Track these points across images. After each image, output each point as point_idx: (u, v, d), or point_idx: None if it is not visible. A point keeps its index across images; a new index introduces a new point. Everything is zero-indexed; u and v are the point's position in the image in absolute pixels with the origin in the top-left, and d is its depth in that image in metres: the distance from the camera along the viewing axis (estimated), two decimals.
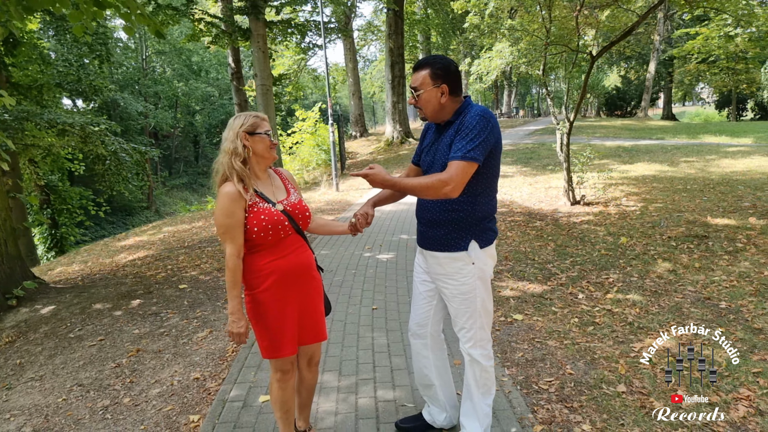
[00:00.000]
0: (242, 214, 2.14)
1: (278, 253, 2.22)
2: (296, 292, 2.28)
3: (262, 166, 2.28)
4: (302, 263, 2.30)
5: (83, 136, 11.14)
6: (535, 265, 5.69)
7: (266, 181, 2.31)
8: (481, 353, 2.43)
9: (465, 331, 2.41)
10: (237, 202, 2.13)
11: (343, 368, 3.46)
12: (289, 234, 2.25)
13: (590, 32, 10.51)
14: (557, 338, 3.85)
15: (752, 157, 12.81)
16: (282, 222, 2.20)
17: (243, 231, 2.15)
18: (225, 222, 2.13)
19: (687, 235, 6.32)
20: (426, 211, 2.38)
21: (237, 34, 14.26)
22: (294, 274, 2.26)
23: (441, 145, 2.29)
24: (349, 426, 2.78)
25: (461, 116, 2.25)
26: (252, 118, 2.22)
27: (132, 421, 3.00)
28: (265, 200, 2.22)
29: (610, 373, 3.29)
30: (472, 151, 2.11)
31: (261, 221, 2.15)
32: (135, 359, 3.81)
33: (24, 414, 3.19)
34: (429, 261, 2.44)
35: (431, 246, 2.39)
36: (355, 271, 5.70)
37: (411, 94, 2.34)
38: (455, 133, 2.22)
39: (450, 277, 2.35)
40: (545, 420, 2.82)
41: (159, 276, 5.94)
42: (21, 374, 3.74)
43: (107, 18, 19.40)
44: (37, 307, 4.80)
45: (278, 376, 2.32)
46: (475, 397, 2.48)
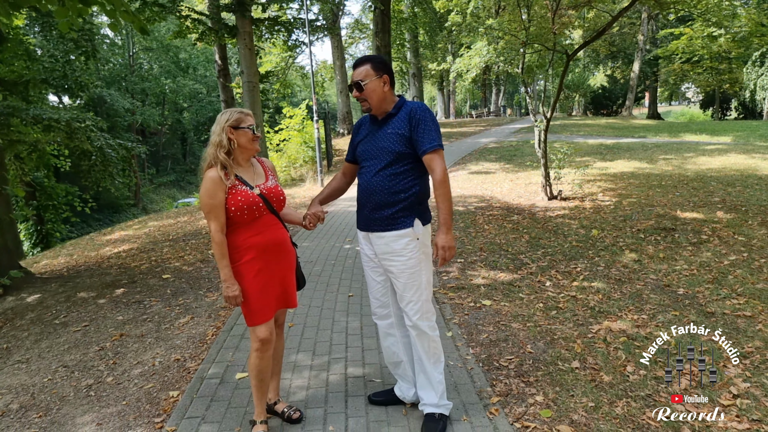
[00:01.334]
0: (223, 196, 2.43)
1: (255, 230, 2.51)
2: (272, 263, 2.57)
3: (245, 156, 2.56)
4: (277, 239, 2.58)
5: (69, 131, 11.21)
6: (508, 255, 5.92)
7: (248, 169, 2.59)
8: (428, 324, 2.64)
9: (412, 304, 2.60)
10: (218, 185, 2.42)
11: (317, 349, 3.66)
12: (263, 214, 2.53)
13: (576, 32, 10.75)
14: (521, 321, 4.07)
15: (729, 154, 13.14)
16: (257, 203, 2.48)
17: (224, 210, 2.44)
18: (208, 202, 2.42)
19: (656, 228, 6.57)
20: (373, 196, 2.56)
21: (223, 32, 14.34)
22: (269, 248, 2.55)
23: (382, 134, 2.55)
24: (319, 399, 2.98)
25: (402, 110, 2.55)
26: (237, 113, 2.49)
27: (115, 398, 3.17)
28: (244, 184, 2.50)
29: (567, 351, 3.52)
30: (438, 140, 2.48)
31: (238, 202, 2.44)
32: (118, 343, 3.97)
33: (11, 393, 3.35)
34: (376, 243, 2.62)
35: (378, 227, 2.58)
36: (335, 262, 5.90)
37: (354, 89, 2.55)
38: (409, 126, 2.49)
39: (398, 255, 2.55)
40: (502, 392, 3.03)
41: (143, 267, 6.10)
42: (8, 357, 3.89)
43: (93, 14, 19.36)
44: (23, 295, 4.94)
45: (257, 345, 2.53)
46: (428, 368, 2.67)
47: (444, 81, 37.81)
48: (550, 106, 8.43)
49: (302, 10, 18.49)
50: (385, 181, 2.53)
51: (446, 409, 2.70)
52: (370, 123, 2.68)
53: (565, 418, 2.75)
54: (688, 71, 34.34)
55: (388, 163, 2.52)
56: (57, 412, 3.05)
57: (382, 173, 2.54)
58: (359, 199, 2.67)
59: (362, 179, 2.64)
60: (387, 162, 2.52)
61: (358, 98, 2.56)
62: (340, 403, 2.93)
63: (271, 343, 2.58)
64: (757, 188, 8.72)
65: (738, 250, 5.61)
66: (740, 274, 4.89)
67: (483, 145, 18.49)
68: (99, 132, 11.70)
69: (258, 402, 2.64)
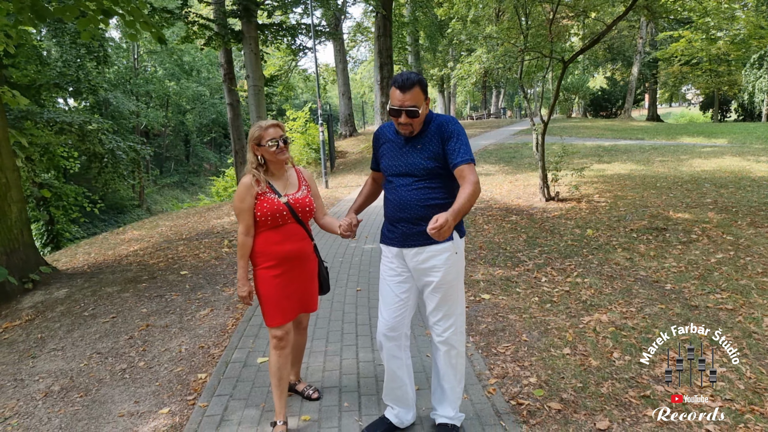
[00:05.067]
0: (252, 201, 2.65)
1: (278, 237, 2.69)
2: (292, 272, 2.74)
3: (276, 166, 2.73)
4: (298, 249, 2.75)
5: (81, 134, 11.59)
6: (506, 253, 6.24)
7: (281, 178, 2.77)
8: (459, 339, 2.64)
9: (446, 319, 2.58)
10: (248, 191, 2.64)
11: (330, 337, 3.99)
12: (288, 222, 2.71)
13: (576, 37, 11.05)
14: (518, 313, 4.40)
15: (723, 156, 13.43)
16: (281, 211, 2.66)
17: (252, 214, 2.66)
18: (238, 205, 2.66)
19: (648, 228, 6.88)
20: (409, 210, 2.49)
21: (230, 37, 14.69)
22: (290, 257, 2.72)
23: (412, 151, 2.49)
24: (334, 379, 3.31)
25: (431, 124, 2.48)
26: (258, 130, 2.66)
27: (148, 380, 3.50)
28: (274, 192, 2.70)
29: (559, 339, 3.84)
30: (470, 154, 2.40)
31: (264, 208, 2.64)
32: (145, 332, 4.30)
33: (51, 376, 3.67)
34: (413, 258, 2.54)
35: (417, 242, 2.50)
36: (342, 260, 6.24)
37: (403, 115, 2.38)
38: (441, 141, 2.44)
39: (438, 270, 2.50)
40: (499, 375, 3.36)
41: (161, 264, 6.43)
42: (43, 346, 4.22)
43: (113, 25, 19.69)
44: (51, 290, 5.27)
45: (274, 342, 2.73)
46: (453, 384, 2.68)
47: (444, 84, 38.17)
48: (548, 110, 8.75)
49: (305, 14, 18.89)
50: (420, 194, 2.47)
51: (459, 420, 2.75)
52: (394, 135, 2.60)
53: (556, 397, 3.07)
54: (687, 73, 34.69)
55: (421, 178, 2.47)
56: (96, 393, 3.37)
57: (416, 187, 2.48)
58: (390, 214, 2.58)
59: (394, 194, 2.55)
60: (420, 177, 2.47)
61: (400, 123, 2.44)
62: (353, 383, 3.26)
63: (287, 342, 2.75)
64: (749, 190, 9.01)
65: (725, 248, 5.90)
66: (726, 271, 5.19)
67: (483, 147, 18.81)
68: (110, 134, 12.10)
69: (277, 400, 2.77)
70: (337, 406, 3.02)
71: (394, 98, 2.40)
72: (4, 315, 4.89)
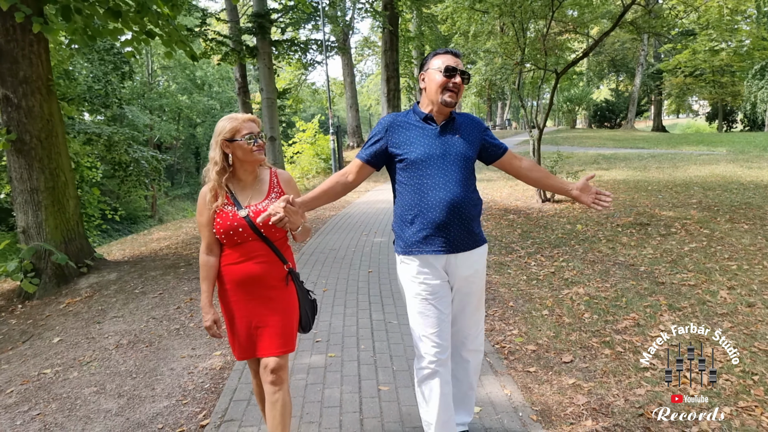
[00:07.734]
0: (209, 215, 2.22)
1: (234, 258, 2.23)
2: (248, 302, 2.25)
3: (247, 168, 2.27)
4: (251, 273, 2.22)
5: (108, 144, 12.47)
6: (501, 244, 6.97)
7: (250, 184, 2.30)
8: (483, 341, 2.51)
9: (478, 323, 2.41)
10: (205, 204, 2.23)
11: (348, 303, 4.76)
12: (248, 240, 2.22)
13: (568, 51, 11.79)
14: (507, 287, 5.13)
15: (718, 163, 13.99)
16: (237, 228, 2.19)
17: (211, 230, 2.24)
18: (198, 219, 2.28)
19: (633, 223, 7.58)
20: (462, 210, 2.21)
21: (245, 52, 15.62)
22: (242, 282, 2.24)
23: (451, 140, 2.25)
24: (353, 331, 4.07)
25: (457, 117, 2.33)
26: (231, 123, 2.19)
27: (198, 335, 4.25)
28: (234, 203, 2.24)
29: (540, 306, 4.57)
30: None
31: (218, 224, 2.21)
32: (190, 304, 5.06)
33: (118, 335, 4.43)
34: (462, 264, 2.26)
35: (472, 244, 2.27)
36: (354, 249, 7.00)
37: (458, 75, 2.19)
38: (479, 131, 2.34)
39: (479, 274, 2.31)
40: (488, 329, 4.09)
41: (194, 254, 7.20)
42: (105, 315, 4.98)
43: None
44: (103, 273, 6.05)
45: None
46: (474, 388, 2.54)
47: None
48: (542, 119, 9.52)
49: (315, 29, 19.86)
50: (469, 193, 2.24)
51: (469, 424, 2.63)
52: (420, 122, 2.28)
53: (532, 342, 3.80)
54: (691, 84, 35.32)
55: (465, 172, 2.23)
56: (159, 344, 4.13)
57: (464, 184, 2.22)
58: (437, 217, 2.19)
59: (440, 193, 2.18)
60: (463, 170, 2.23)
61: (450, 88, 2.18)
62: (368, 334, 4.01)
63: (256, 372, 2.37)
64: (734, 192, 9.63)
65: (700, 240, 6.57)
66: (696, 257, 5.87)
67: None
68: (135, 144, 12.97)
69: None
70: (355, 347, 3.76)
71: (448, 61, 2.20)
72: (65, 293, 5.66)
